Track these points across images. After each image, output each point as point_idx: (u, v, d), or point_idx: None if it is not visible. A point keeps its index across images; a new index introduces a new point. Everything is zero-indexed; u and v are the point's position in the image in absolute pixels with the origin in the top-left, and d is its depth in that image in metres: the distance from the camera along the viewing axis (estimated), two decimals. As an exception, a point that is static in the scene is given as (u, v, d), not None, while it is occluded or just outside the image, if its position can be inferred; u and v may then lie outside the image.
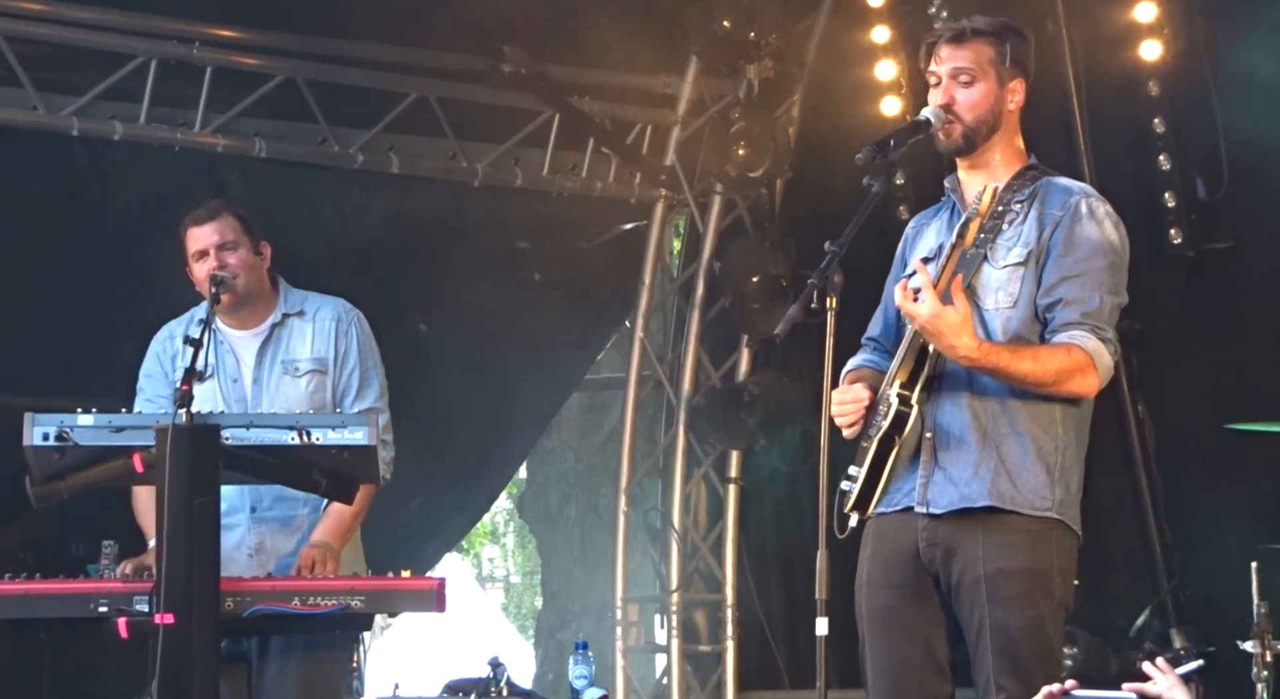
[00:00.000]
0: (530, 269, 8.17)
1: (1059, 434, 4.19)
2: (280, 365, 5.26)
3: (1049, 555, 4.15)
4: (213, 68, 7.26)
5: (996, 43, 4.31)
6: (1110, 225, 4.23)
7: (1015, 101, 4.33)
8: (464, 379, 8.01)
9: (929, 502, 4.21)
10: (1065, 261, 4.17)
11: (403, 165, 7.77)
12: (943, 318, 4.07)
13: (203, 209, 5.31)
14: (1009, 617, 4.12)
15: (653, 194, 8.61)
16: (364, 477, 4.82)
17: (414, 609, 4.89)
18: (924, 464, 4.21)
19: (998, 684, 4.11)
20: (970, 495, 4.17)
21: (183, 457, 4.46)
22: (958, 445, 4.18)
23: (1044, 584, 4.15)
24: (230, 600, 4.62)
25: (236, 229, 5.25)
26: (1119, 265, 4.22)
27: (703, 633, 8.68)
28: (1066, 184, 4.30)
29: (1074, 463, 4.21)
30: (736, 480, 8.69)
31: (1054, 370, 4.12)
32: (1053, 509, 4.16)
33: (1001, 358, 4.11)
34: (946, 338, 4.09)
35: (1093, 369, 4.14)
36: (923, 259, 4.37)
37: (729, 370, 8.75)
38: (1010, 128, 4.34)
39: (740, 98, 8.38)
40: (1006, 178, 4.30)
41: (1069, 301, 4.16)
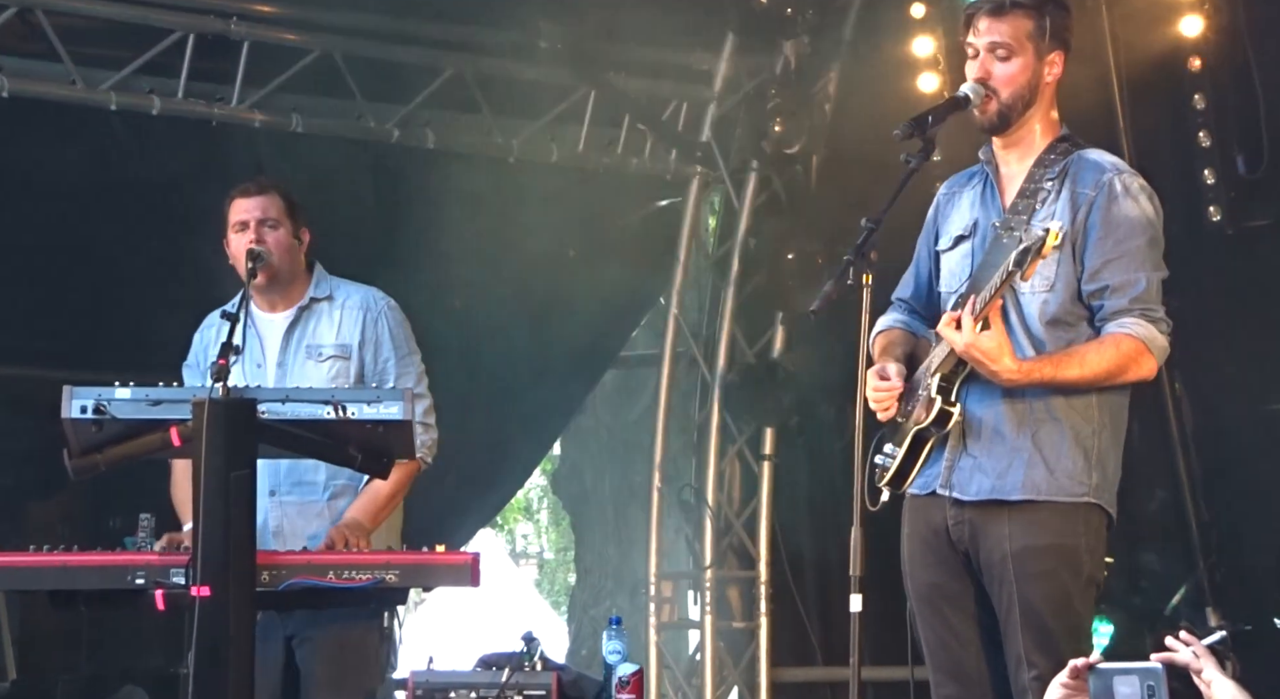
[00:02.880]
0: (565, 245, 8.17)
1: (1095, 417, 4.17)
2: (305, 350, 5.25)
3: (1076, 533, 4.14)
4: (250, 43, 7.28)
5: (1036, 15, 4.27)
6: (1145, 199, 4.20)
7: (1053, 74, 4.29)
8: (498, 356, 8.02)
9: (953, 485, 4.21)
10: (1106, 244, 4.14)
11: (439, 141, 7.78)
12: (978, 345, 4.06)
13: (253, 183, 5.31)
14: (1036, 592, 4.11)
15: (688, 171, 8.59)
16: (399, 451, 4.82)
17: (448, 584, 4.89)
18: (951, 447, 4.21)
19: (1028, 660, 4.11)
20: (1004, 488, 4.16)
21: (219, 430, 4.47)
22: (992, 434, 4.17)
23: (1071, 561, 4.14)
24: (266, 574, 4.63)
25: (281, 209, 5.25)
26: (1157, 239, 4.19)
27: (736, 609, 8.69)
28: (1097, 159, 4.26)
29: (1111, 446, 4.20)
30: (770, 457, 8.69)
31: (1106, 368, 4.11)
32: (1089, 494, 4.15)
33: (1045, 372, 4.11)
34: (986, 364, 4.09)
35: (1147, 353, 4.12)
36: (957, 236, 4.34)
37: (764, 347, 8.74)
38: (1047, 100, 4.31)
39: (776, 74, 8.36)
40: (1040, 151, 4.28)
41: (1115, 288, 4.13)
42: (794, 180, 8.57)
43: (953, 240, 4.36)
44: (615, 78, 8.13)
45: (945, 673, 4.26)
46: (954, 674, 4.25)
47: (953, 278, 4.34)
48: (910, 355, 4.34)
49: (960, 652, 4.23)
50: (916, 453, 4.21)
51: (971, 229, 4.32)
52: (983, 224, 4.28)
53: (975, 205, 4.35)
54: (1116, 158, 4.30)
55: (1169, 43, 7.32)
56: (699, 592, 8.68)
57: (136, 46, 7.11)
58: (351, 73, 7.50)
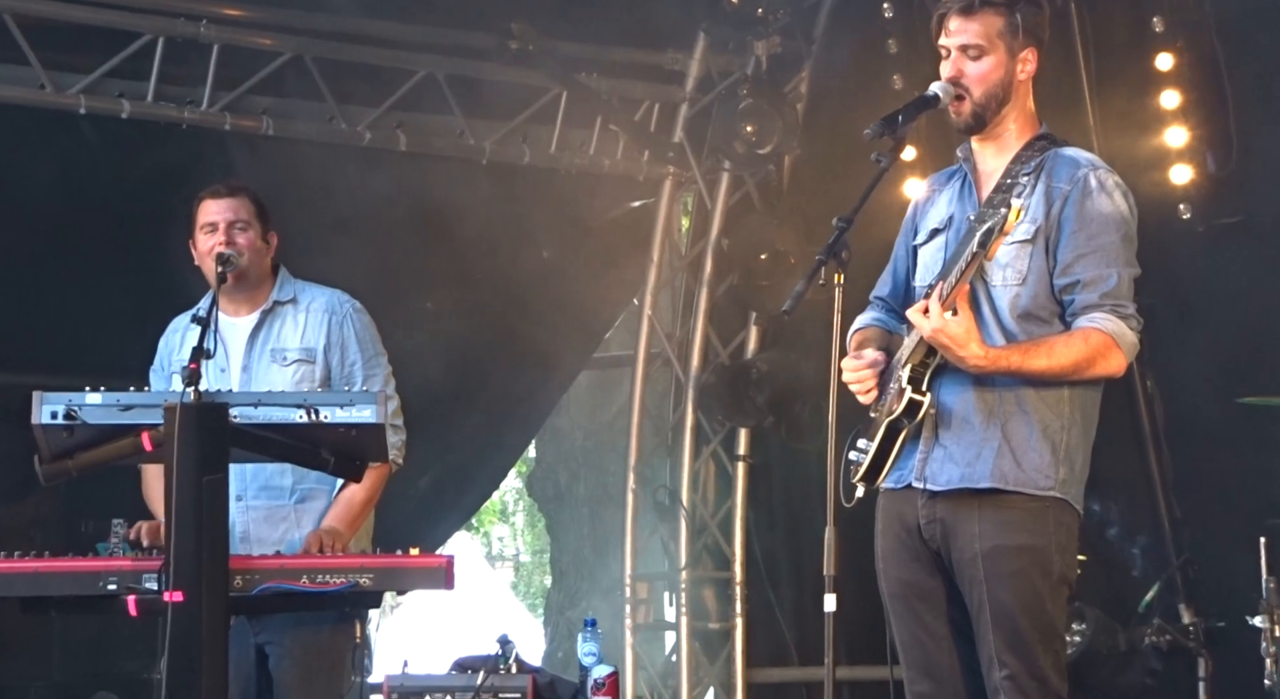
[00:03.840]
0: (538, 247, 8.16)
1: (1065, 412, 4.17)
2: (269, 353, 5.24)
3: (1046, 532, 4.14)
4: (220, 46, 7.25)
5: (1007, 13, 4.27)
6: (1120, 196, 4.20)
7: (1026, 72, 4.29)
8: (472, 357, 8.01)
9: (927, 478, 4.20)
10: (1079, 238, 4.14)
11: (411, 143, 7.76)
12: (945, 331, 4.06)
13: (223, 185, 5.30)
14: (1006, 593, 4.11)
15: (661, 171, 8.59)
16: (373, 455, 4.81)
17: (423, 587, 4.88)
18: (924, 440, 4.20)
19: (999, 660, 4.11)
20: (972, 476, 4.15)
21: (191, 435, 4.45)
22: (961, 424, 4.17)
23: (1041, 561, 4.13)
24: (239, 578, 4.61)
25: (251, 211, 5.25)
26: (1131, 236, 4.19)
27: (712, 610, 8.69)
28: (1074, 156, 4.26)
29: (1080, 441, 4.20)
30: (745, 458, 8.69)
31: (1073, 361, 4.11)
32: (1055, 488, 4.15)
33: (1013, 360, 4.10)
34: (953, 350, 4.09)
35: (1116, 349, 4.12)
36: (932, 229, 4.35)
37: (737, 347, 8.75)
38: (1021, 97, 4.31)
39: (748, 74, 8.36)
40: (1018, 148, 4.28)
41: (1087, 283, 4.13)
42: (767, 180, 8.58)
43: (928, 234, 4.36)
44: (587, 78, 8.12)
45: (919, 670, 4.26)
46: (927, 671, 4.25)
47: (926, 271, 4.34)
48: (886, 351, 4.34)
49: (934, 649, 4.23)
50: (889, 446, 4.21)
51: (946, 223, 4.32)
52: (958, 218, 4.29)
53: (952, 201, 4.36)
54: (1094, 155, 4.30)
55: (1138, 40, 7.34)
56: (674, 593, 8.69)
57: (106, 50, 7.08)
58: (322, 75, 7.49)
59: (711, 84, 8.49)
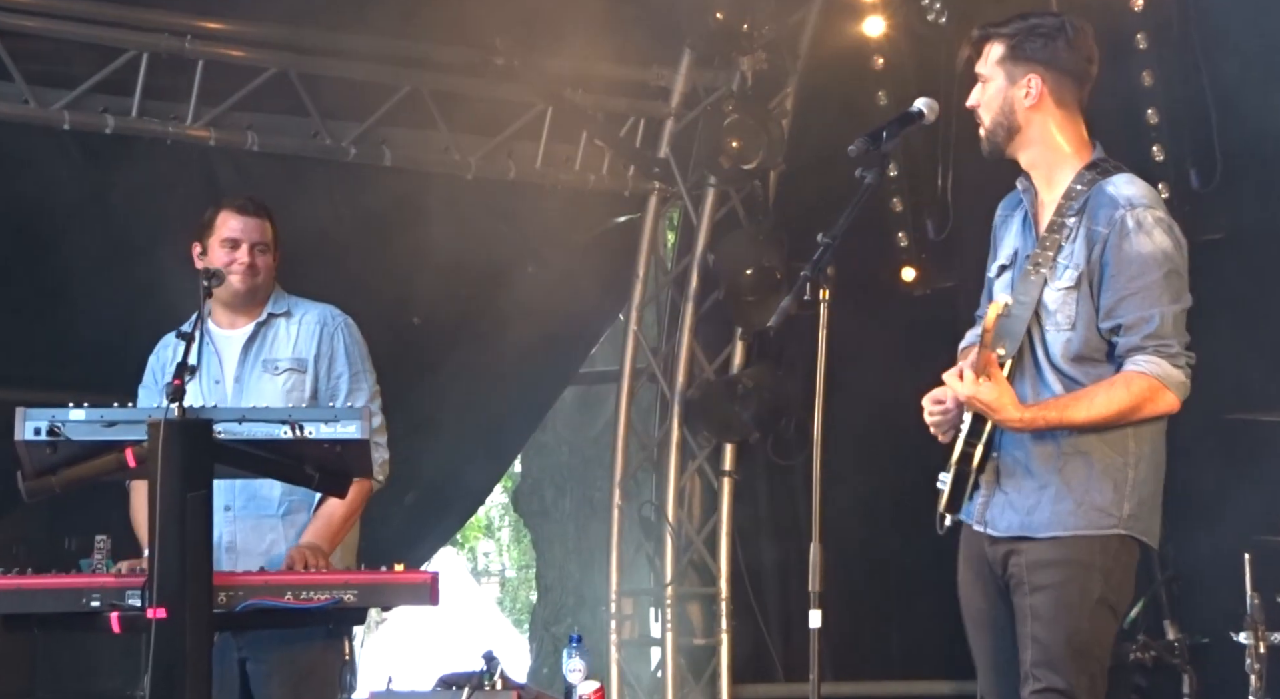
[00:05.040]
0: (524, 262, 8.16)
1: (1130, 447, 4.21)
2: (261, 364, 5.26)
3: (1092, 552, 4.17)
4: (205, 61, 7.25)
5: (1006, 39, 4.31)
6: (1161, 232, 4.20)
7: (1032, 97, 4.29)
8: (457, 372, 8.00)
9: (988, 522, 4.27)
10: (1119, 282, 4.16)
11: (396, 159, 7.76)
12: (978, 397, 4.14)
13: (248, 201, 5.32)
14: (1042, 605, 4.15)
15: (646, 187, 8.60)
16: (357, 470, 4.81)
17: (407, 603, 4.88)
18: (987, 483, 4.26)
19: (1032, 675, 4.15)
20: (1031, 524, 4.21)
21: (175, 451, 4.45)
22: (1023, 471, 4.22)
23: (1082, 578, 4.16)
24: (223, 595, 4.60)
25: (269, 230, 5.30)
26: (1175, 271, 4.20)
27: (697, 626, 8.68)
28: (1113, 194, 4.23)
29: (1149, 474, 4.24)
30: (731, 473, 8.69)
31: (1116, 409, 4.15)
32: (1119, 525, 4.19)
33: (1050, 417, 4.16)
34: (990, 415, 4.16)
35: (1163, 389, 4.15)
36: (1001, 266, 4.38)
37: (723, 363, 8.74)
38: (1040, 125, 4.30)
39: (734, 90, 8.38)
40: (1070, 179, 4.28)
41: (1129, 326, 4.15)
42: (752, 196, 8.59)
43: (998, 270, 4.41)
44: (572, 94, 8.13)
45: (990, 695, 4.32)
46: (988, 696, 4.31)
47: None
48: None
49: (1003, 675, 4.27)
50: (961, 487, 4.27)
51: (1012, 259, 4.37)
52: (1020, 255, 4.34)
53: (1018, 234, 4.39)
54: (1138, 189, 4.26)
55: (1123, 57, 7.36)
56: (660, 608, 8.67)
57: (90, 66, 7.07)
58: (307, 90, 7.48)
59: (697, 100, 8.50)
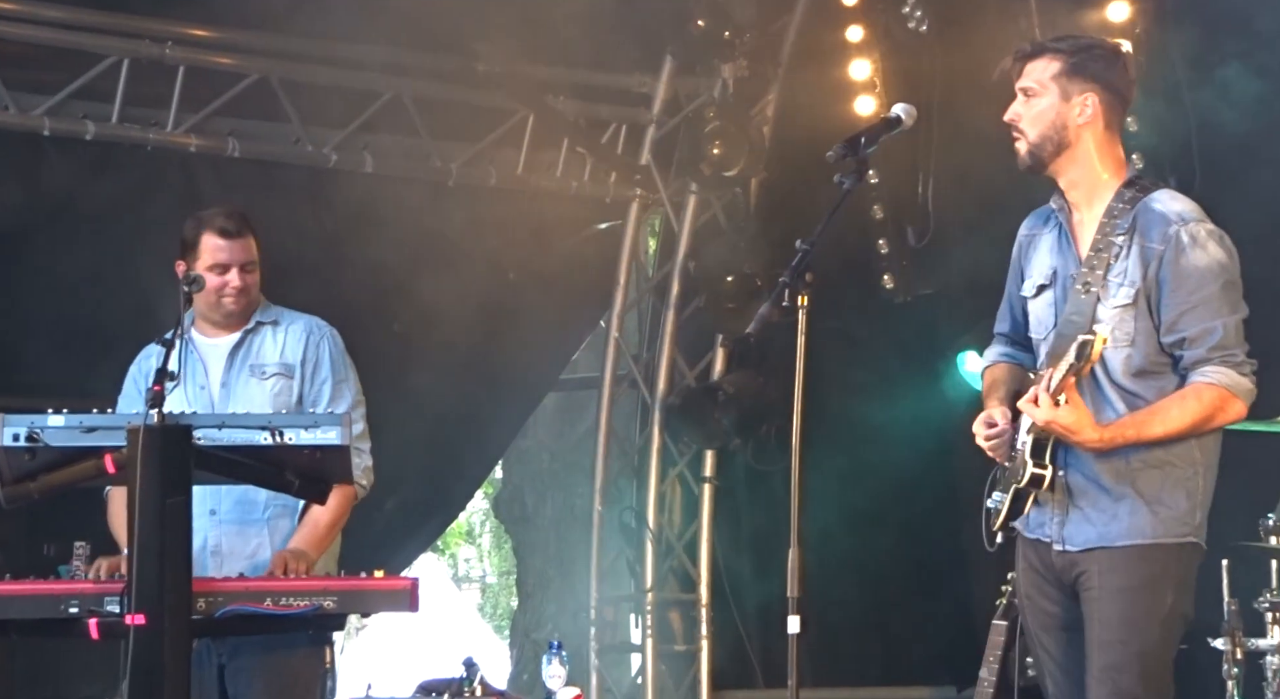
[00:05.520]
0: (505, 269, 8.16)
1: (1196, 459, 4.27)
2: (248, 369, 5.26)
3: (1167, 563, 4.23)
4: (185, 67, 7.24)
5: (1064, 57, 4.32)
6: (1214, 244, 4.23)
7: (1086, 116, 4.31)
8: (439, 379, 7.99)
9: (1065, 539, 4.30)
10: (1179, 296, 4.19)
11: (377, 165, 7.76)
12: (1057, 421, 4.16)
13: (229, 219, 5.24)
14: (1114, 611, 4.20)
15: (628, 193, 8.61)
16: (337, 477, 4.80)
17: (387, 609, 4.88)
18: (1058, 503, 4.29)
19: (1098, 678, 4.19)
20: (1109, 535, 4.25)
21: (154, 457, 4.44)
22: (1094, 487, 4.26)
23: (1155, 586, 4.22)
24: (202, 601, 4.60)
25: (254, 247, 5.27)
26: (1232, 281, 4.24)
27: (677, 632, 8.68)
28: (1163, 211, 4.26)
29: (1212, 483, 4.30)
30: (711, 480, 8.70)
31: (1191, 421, 4.19)
32: (1192, 534, 4.26)
33: (1129, 435, 4.20)
34: (1068, 438, 4.20)
35: (1233, 398, 4.20)
36: (1039, 285, 4.40)
37: (704, 370, 8.75)
38: (1088, 143, 4.33)
39: (715, 97, 8.39)
40: (1109, 198, 4.31)
41: (1193, 339, 4.20)
42: (733, 203, 8.60)
43: (1035, 288, 4.42)
44: (554, 101, 8.13)
45: None
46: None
47: (1039, 325, 4.42)
48: (1016, 393, 4.38)
49: (1069, 685, 4.30)
50: (1019, 507, 4.31)
51: (1051, 278, 4.38)
52: (1061, 274, 4.36)
53: (1053, 251, 4.40)
54: (1185, 204, 4.29)
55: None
56: (640, 615, 8.68)
57: (70, 72, 7.06)
58: (288, 96, 7.48)
59: (678, 107, 8.51)
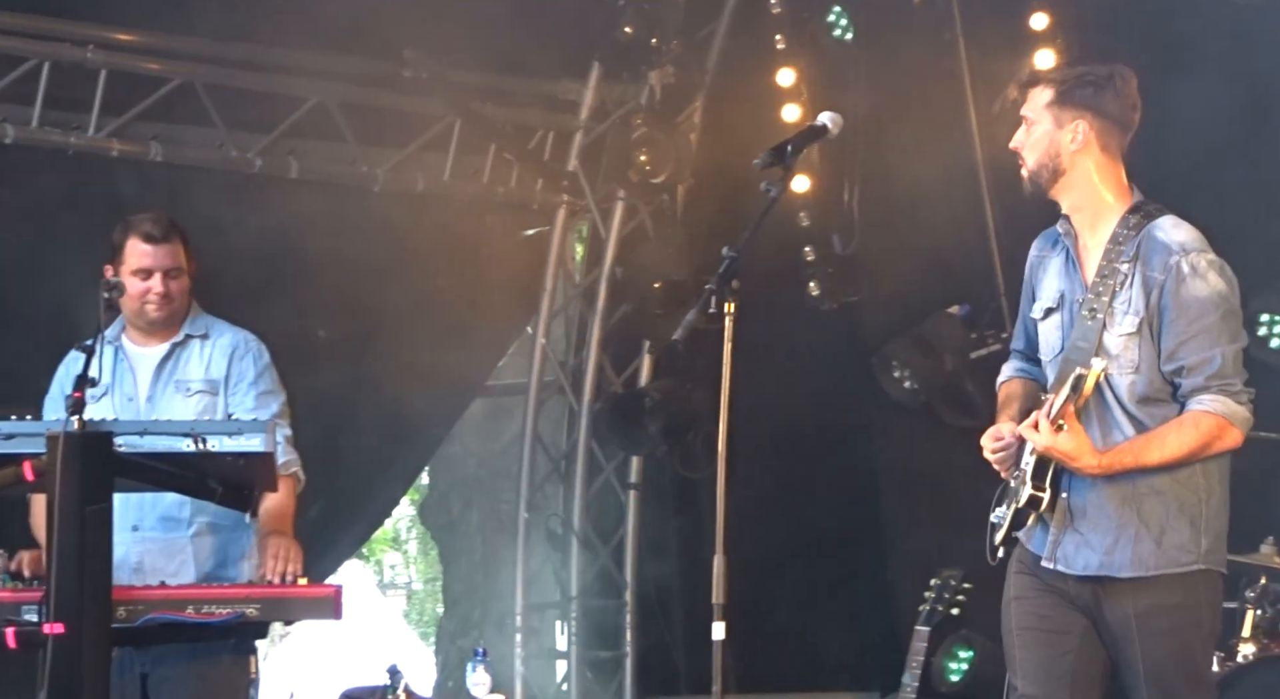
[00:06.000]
0: (432, 274, 8.14)
1: (1201, 485, 4.29)
2: (174, 384, 5.22)
3: (1197, 593, 4.28)
4: (108, 71, 7.17)
5: (1055, 85, 4.39)
6: (1215, 274, 4.28)
7: (1078, 142, 4.36)
8: (365, 385, 7.96)
9: (1059, 559, 4.32)
10: (1179, 326, 4.24)
11: (302, 170, 7.71)
12: (1056, 447, 4.21)
13: (154, 225, 5.17)
14: (1161, 649, 4.24)
15: (555, 199, 8.60)
16: (261, 484, 4.77)
17: (311, 617, 4.86)
18: (1057, 522, 4.31)
19: None
20: (1112, 564, 4.27)
21: (74, 464, 4.39)
22: (1097, 511, 4.29)
23: (1194, 619, 4.27)
24: (123, 609, 4.56)
25: (181, 253, 5.20)
26: (1231, 310, 4.29)
27: (603, 639, 8.68)
28: (1165, 240, 4.30)
29: (1219, 508, 4.32)
30: (638, 486, 8.71)
31: (1188, 448, 4.23)
32: (1199, 561, 4.27)
33: (1126, 461, 4.24)
34: (1067, 464, 4.24)
35: (1230, 427, 4.24)
36: (1046, 308, 4.44)
37: (631, 376, 8.76)
38: (1086, 169, 4.37)
39: (642, 104, 8.40)
40: (1114, 223, 4.35)
41: (1192, 368, 4.24)
42: (661, 209, 8.62)
43: (1043, 311, 4.46)
44: (481, 107, 8.12)
45: None
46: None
47: (1047, 348, 4.46)
48: (1028, 410, 4.40)
49: (1051, 685, 4.33)
50: (1020, 522, 4.36)
51: (1059, 302, 4.42)
52: (1068, 298, 4.40)
53: (1060, 275, 4.44)
54: (1187, 233, 4.33)
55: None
56: (566, 621, 8.67)
57: (-10, 75, 6.99)
58: (213, 101, 7.42)
59: (606, 113, 8.52)
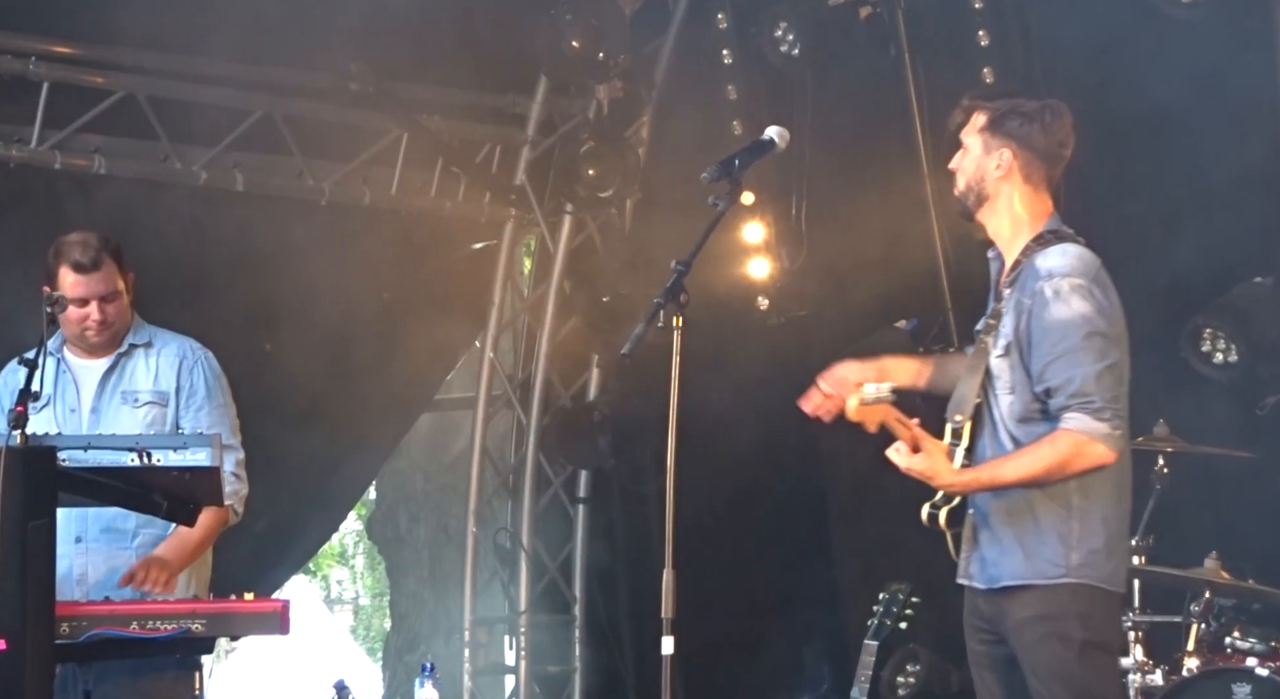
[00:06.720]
0: (379, 289, 8.11)
1: (1074, 503, 4.38)
2: (120, 396, 5.19)
3: (1063, 603, 4.36)
4: (50, 83, 7.12)
5: (989, 111, 4.51)
6: (1079, 298, 4.36)
7: (1002, 170, 4.47)
8: (311, 399, 7.92)
9: (971, 576, 4.52)
10: (1044, 348, 4.36)
11: (248, 183, 7.68)
12: (913, 468, 4.38)
13: (83, 252, 5.11)
14: (1037, 660, 4.37)
15: (503, 213, 8.59)
16: (206, 498, 4.74)
17: (257, 632, 4.82)
18: (967, 540, 4.50)
19: None
20: (996, 576, 4.45)
21: (17, 479, 4.36)
22: (989, 527, 4.45)
23: (1059, 630, 4.35)
24: (66, 625, 4.52)
25: (114, 274, 5.16)
26: (1096, 333, 4.35)
27: (552, 653, 8.66)
28: (1038, 267, 4.41)
29: (1097, 526, 4.39)
30: (586, 500, 8.70)
31: (1043, 466, 4.34)
32: (1068, 574, 4.37)
33: (983, 479, 4.41)
34: (928, 482, 4.40)
35: (1090, 441, 4.31)
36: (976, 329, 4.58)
37: (579, 390, 8.76)
38: (1008, 197, 4.48)
39: (590, 118, 8.41)
40: (1019, 250, 4.47)
41: (1055, 388, 4.35)
42: (609, 223, 8.63)
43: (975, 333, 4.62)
44: (428, 120, 8.10)
45: None
46: None
47: None
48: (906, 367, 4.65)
49: None
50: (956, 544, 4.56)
51: (983, 324, 4.57)
52: (984, 321, 4.56)
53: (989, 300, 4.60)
54: (1059, 260, 4.40)
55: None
56: (514, 636, 8.65)
57: (-69, 87, 6.93)
58: (157, 114, 7.38)
59: (553, 127, 8.52)
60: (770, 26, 7.87)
